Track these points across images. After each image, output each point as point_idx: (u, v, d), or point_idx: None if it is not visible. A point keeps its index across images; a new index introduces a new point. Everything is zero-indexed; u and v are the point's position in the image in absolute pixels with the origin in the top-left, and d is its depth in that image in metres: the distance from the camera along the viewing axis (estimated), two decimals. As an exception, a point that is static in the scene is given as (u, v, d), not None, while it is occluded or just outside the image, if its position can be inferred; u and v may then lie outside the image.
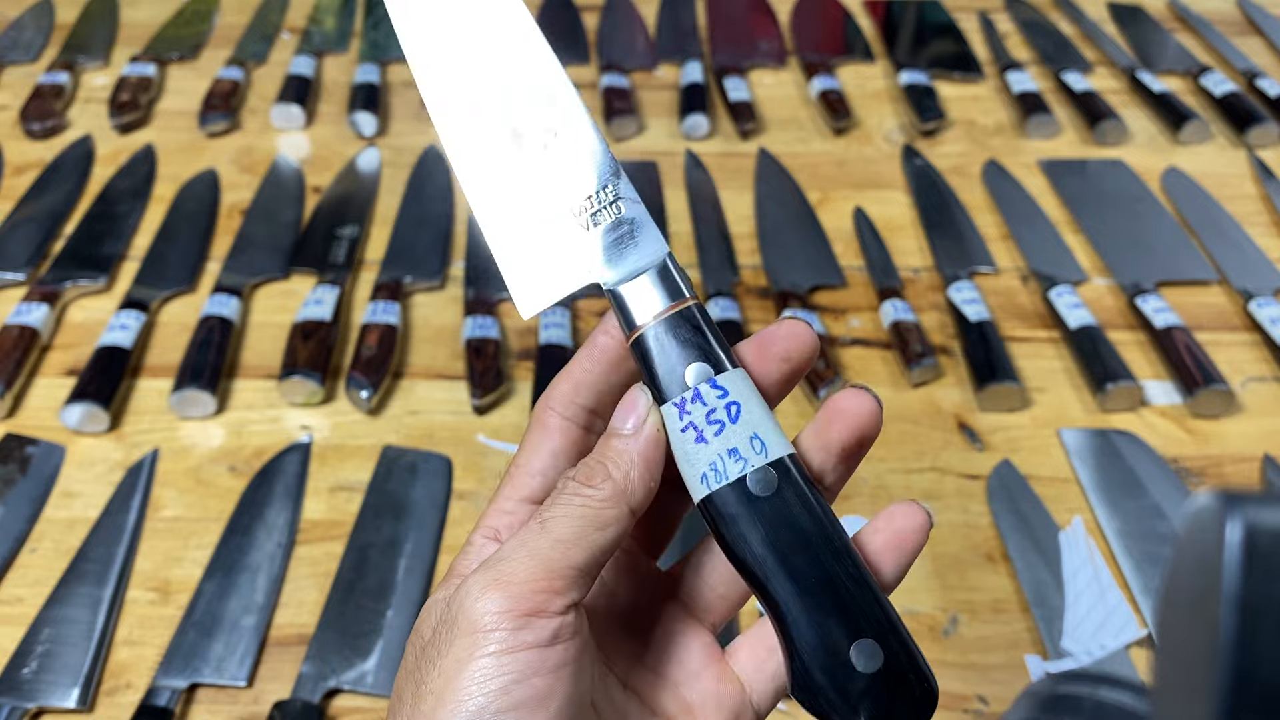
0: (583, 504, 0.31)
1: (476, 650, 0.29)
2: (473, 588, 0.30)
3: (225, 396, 0.76)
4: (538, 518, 0.31)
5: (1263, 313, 0.82)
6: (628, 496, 0.32)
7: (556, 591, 0.30)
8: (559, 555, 0.30)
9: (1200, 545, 0.20)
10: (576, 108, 0.36)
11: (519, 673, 0.29)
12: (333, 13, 1.21)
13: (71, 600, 0.63)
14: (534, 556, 0.30)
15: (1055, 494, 0.70)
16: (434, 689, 0.29)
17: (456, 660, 0.29)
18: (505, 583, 0.30)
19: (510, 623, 0.29)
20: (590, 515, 0.31)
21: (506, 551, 0.31)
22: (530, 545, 0.30)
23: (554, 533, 0.31)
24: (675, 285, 0.34)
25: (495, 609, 0.29)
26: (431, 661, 0.30)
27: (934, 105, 1.05)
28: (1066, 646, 0.61)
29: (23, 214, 0.91)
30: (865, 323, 0.83)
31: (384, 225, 0.92)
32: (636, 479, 0.32)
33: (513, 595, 0.29)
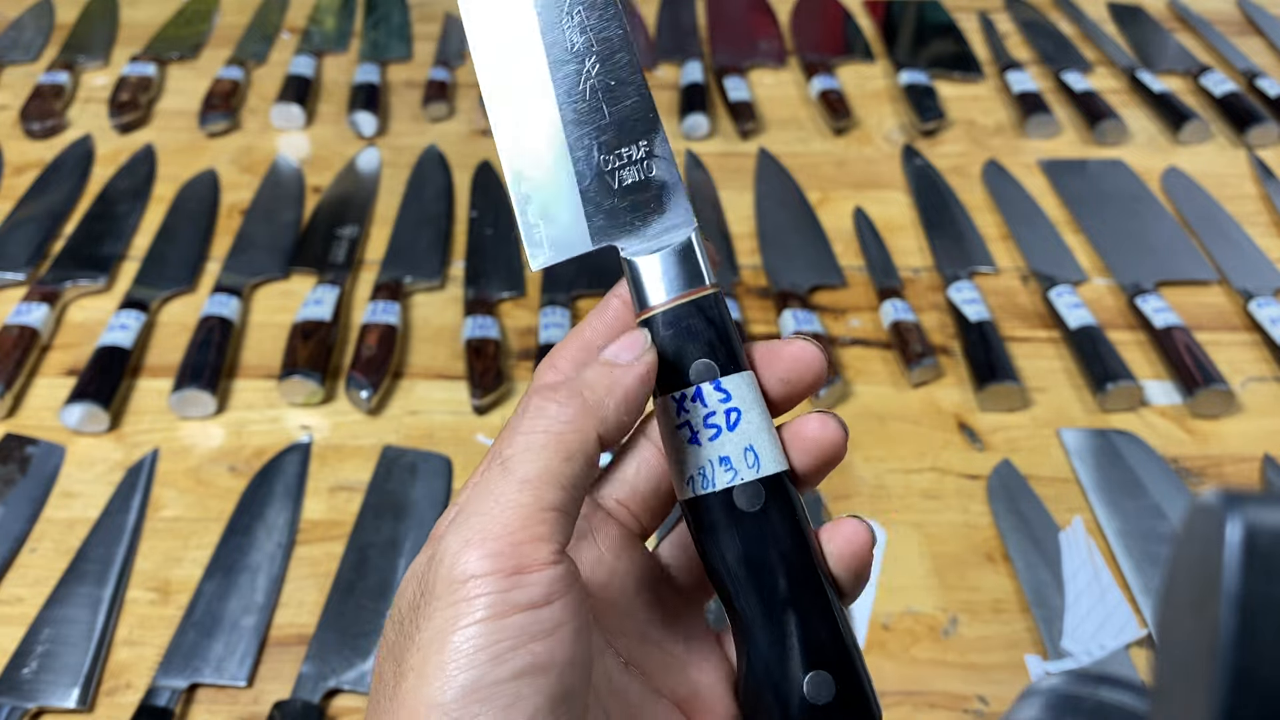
0: (544, 430, 0.28)
1: (461, 618, 0.26)
2: (447, 550, 0.27)
3: (225, 396, 0.76)
4: (495, 457, 0.28)
5: (1263, 313, 0.82)
6: (598, 420, 0.29)
7: (540, 539, 0.27)
8: (530, 498, 0.27)
9: (1200, 545, 0.20)
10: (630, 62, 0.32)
11: (513, 638, 0.26)
12: (333, 13, 1.21)
13: (71, 600, 0.63)
14: (503, 504, 0.27)
15: (1055, 494, 0.70)
16: (414, 665, 0.26)
17: (438, 631, 0.26)
18: (482, 538, 0.26)
19: (496, 584, 0.26)
20: (553, 444, 0.28)
21: (473, 504, 0.27)
22: (496, 491, 0.27)
23: (518, 473, 0.27)
24: (697, 268, 0.32)
25: (477, 570, 0.26)
26: (409, 636, 0.27)
27: (934, 105, 1.05)
28: (1066, 646, 0.61)
29: (23, 214, 0.91)
30: (865, 323, 0.83)
31: (384, 225, 0.92)
32: (612, 406, 0.29)
33: (492, 552, 0.26)
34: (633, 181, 0.32)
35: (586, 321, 0.33)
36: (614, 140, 0.33)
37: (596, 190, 0.32)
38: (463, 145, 1.02)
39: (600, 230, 0.32)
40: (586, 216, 0.32)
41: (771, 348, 0.32)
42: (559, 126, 0.33)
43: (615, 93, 0.33)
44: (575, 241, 0.32)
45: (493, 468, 0.28)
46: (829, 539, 0.32)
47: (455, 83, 1.10)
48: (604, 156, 0.32)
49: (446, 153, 1.00)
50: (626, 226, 0.32)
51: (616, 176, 0.32)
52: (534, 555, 0.26)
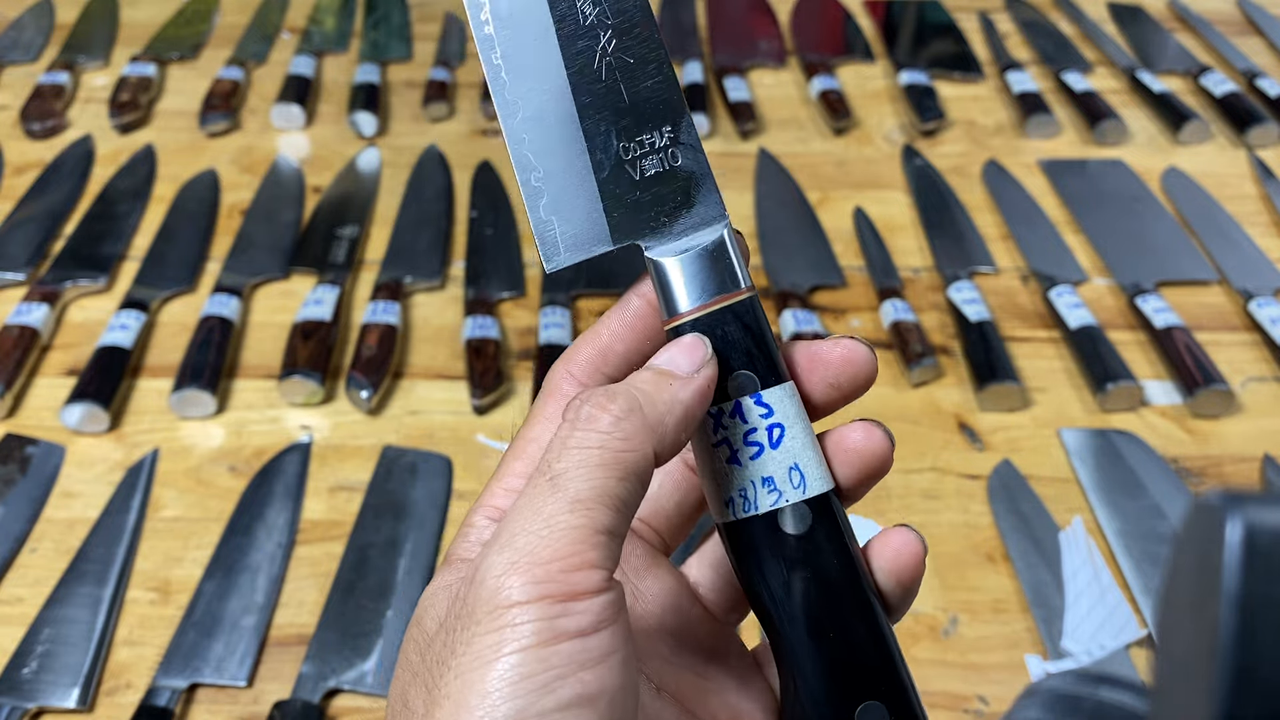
0: (600, 445, 0.26)
1: (505, 645, 0.24)
2: (490, 572, 0.25)
3: (225, 396, 0.76)
4: (545, 471, 0.26)
5: (1263, 313, 0.82)
6: (656, 438, 0.26)
7: (591, 565, 0.25)
8: (582, 520, 0.25)
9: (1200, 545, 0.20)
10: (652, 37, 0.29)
11: (562, 667, 0.24)
12: (333, 13, 1.21)
13: (71, 600, 0.63)
14: (553, 526, 0.25)
15: (1055, 494, 0.70)
16: (451, 693, 0.24)
17: (479, 658, 0.24)
18: (529, 564, 0.25)
19: (544, 610, 0.24)
20: (609, 461, 0.26)
21: (518, 523, 0.25)
22: (546, 512, 0.25)
23: (569, 491, 0.25)
24: (731, 270, 0.29)
25: (523, 596, 0.24)
26: (443, 661, 0.25)
27: (934, 105, 1.05)
28: (1066, 646, 0.61)
29: (23, 214, 0.91)
30: (865, 323, 0.83)
31: (384, 225, 0.92)
32: (671, 425, 0.27)
33: (540, 578, 0.24)
34: (656, 172, 0.29)
35: (604, 323, 0.30)
36: (634, 125, 0.29)
37: (616, 182, 0.29)
38: (463, 145, 1.02)
39: (621, 227, 0.29)
40: (605, 212, 0.29)
41: (816, 351, 0.30)
42: (572, 110, 0.29)
43: (634, 72, 0.29)
44: (593, 240, 0.29)
45: (540, 484, 0.26)
46: (878, 553, 0.30)
47: (455, 83, 1.10)
48: (623, 144, 0.29)
49: (446, 153, 1.00)
50: (651, 223, 0.29)
51: (638, 166, 0.29)
52: (585, 583, 0.25)
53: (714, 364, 0.28)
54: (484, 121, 1.05)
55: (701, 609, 0.33)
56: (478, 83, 1.10)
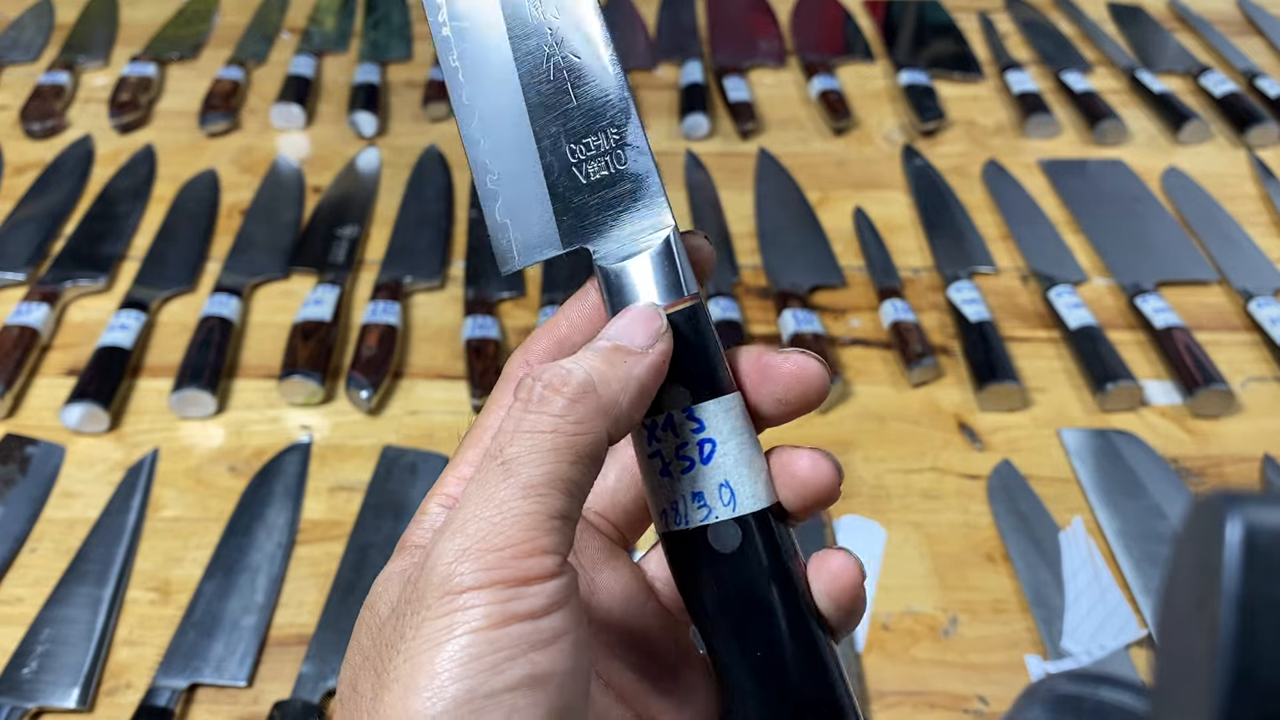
0: (553, 429, 0.26)
1: (455, 628, 0.24)
2: (441, 558, 0.25)
3: (225, 396, 0.76)
4: (495, 456, 0.26)
5: (1263, 313, 0.82)
6: (610, 420, 0.26)
7: (544, 551, 0.25)
8: (535, 506, 0.25)
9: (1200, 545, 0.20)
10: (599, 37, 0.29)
11: (512, 648, 0.24)
12: (333, 13, 1.21)
13: (71, 600, 0.63)
14: (505, 512, 0.25)
15: (1055, 494, 0.70)
16: (400, 675, 0.24)
17: (428, 641, 0.24)
18: (481, 550, 0.24)
19: (495, 595, 0.24)
20: (562, 445, 0.25)
21: (470, 509, 0.25)
22: (498, 498, 0.25)
23: (521, 477, 0.25)
24: (674, 277, 0.28)
25: (475, 581, 0.24)
26: (392, 645, 0.25)
27: (934, 105, 1.05)
28: (1066, 646, 0.61)
29: (23, 214, 0.91)
30: (865, 323, 0.83)
31: (384, 225, 0.92)
32: (626, 404, 0.26)
33: (493, 563, 0.24)
34: (603, 175, 0.29)
35: (562, 313, 0.30)
36: (581, 127, 0.29)
37: (565, 185, 0.29)
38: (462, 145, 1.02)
39: (570, 231, 0.29)
40: (555, 215, 0.29)
41: (767, 364, 0.29)
42: (524, 111, 0.29)
43: (581, 72, 0.29)
44: (544, 243, 0.29)
45: (492, 468, 0.26)
46: (815, 575, 0.29)
47: (455, 83, 1.10)
48: (571, 145, 0.29)
49: (446, 153, 1.00)
50: (598, 227, 0.29)
51: (584, 169, 0.29)
52: (538, 568, 0.25)
53: (669, 337, 0.28)
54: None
55: (657, 604, 0.32)
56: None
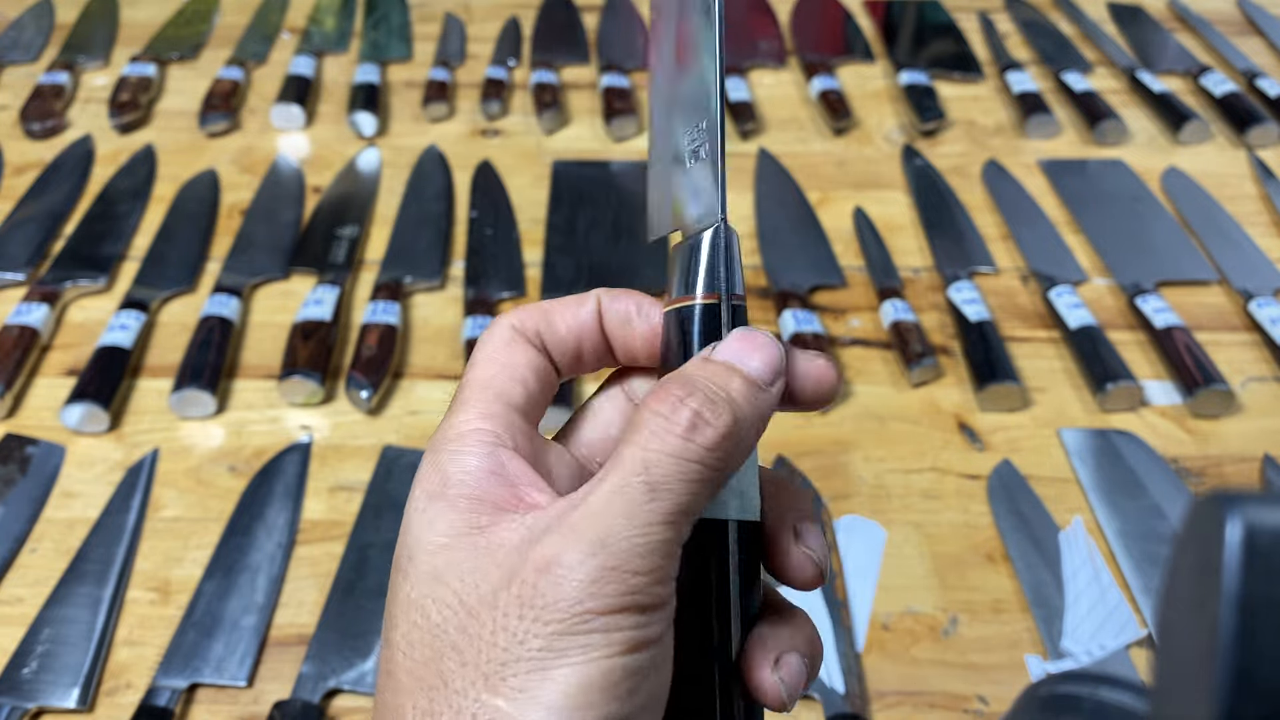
0: (700, 461, 0.26)
1: (594, 651, 0.24)
2: (575, 570, 0.25)
3: (225, 396, 0.76)
4: (640, 473, 0.25)
5: (1263, 313, 0.82)
6: (741, 454, 0.27)
7: (670, 578, 0.26)
8: (673, 534, 0.25)
9: (1200, 545, 0.20)
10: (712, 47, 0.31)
11: (641, 673, 0.25)
12: (333, 13, 1.21)
13: (71, 600, 0.63)
14: (649, 537, 0.25)
15: (1055, 494, 0.70)
16: (526, 687, 0.24)
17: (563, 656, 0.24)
18: (625, 572, 0.25)
19: (631, 620, 0.25)
20: (705, 479, 0.26)
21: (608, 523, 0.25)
22: (641, 519, 0.25)
23: (666, 504, 0.25)
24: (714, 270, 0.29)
25: (615, 606, 0.24)
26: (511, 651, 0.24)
27: (934, 105, 1.05)
28: (1066, 646, 0.61)
29: (23, 214, 0.91)
30: (865, 323, 0.83)
31: (384, 225, 0.92)
32: (752, 439, 0.27)
33: (634, 588, 0.25)
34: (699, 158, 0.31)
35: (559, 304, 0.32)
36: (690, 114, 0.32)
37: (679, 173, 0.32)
38: (463, 145, 1.02)
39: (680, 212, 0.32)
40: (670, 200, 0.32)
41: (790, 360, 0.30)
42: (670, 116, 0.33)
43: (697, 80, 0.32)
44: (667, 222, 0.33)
45: (637, 487, 0.25)
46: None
47: (455, 83, 1.10)
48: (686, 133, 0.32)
49: (446, 153, 1.00)
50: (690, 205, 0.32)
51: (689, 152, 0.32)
52: (664, 595, 0.25)
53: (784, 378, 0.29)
54: (484, 122, 1.05)
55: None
56: (477, 83, 1.10)
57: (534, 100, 1.07)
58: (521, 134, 1.04)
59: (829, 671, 0.59)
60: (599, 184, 0.97)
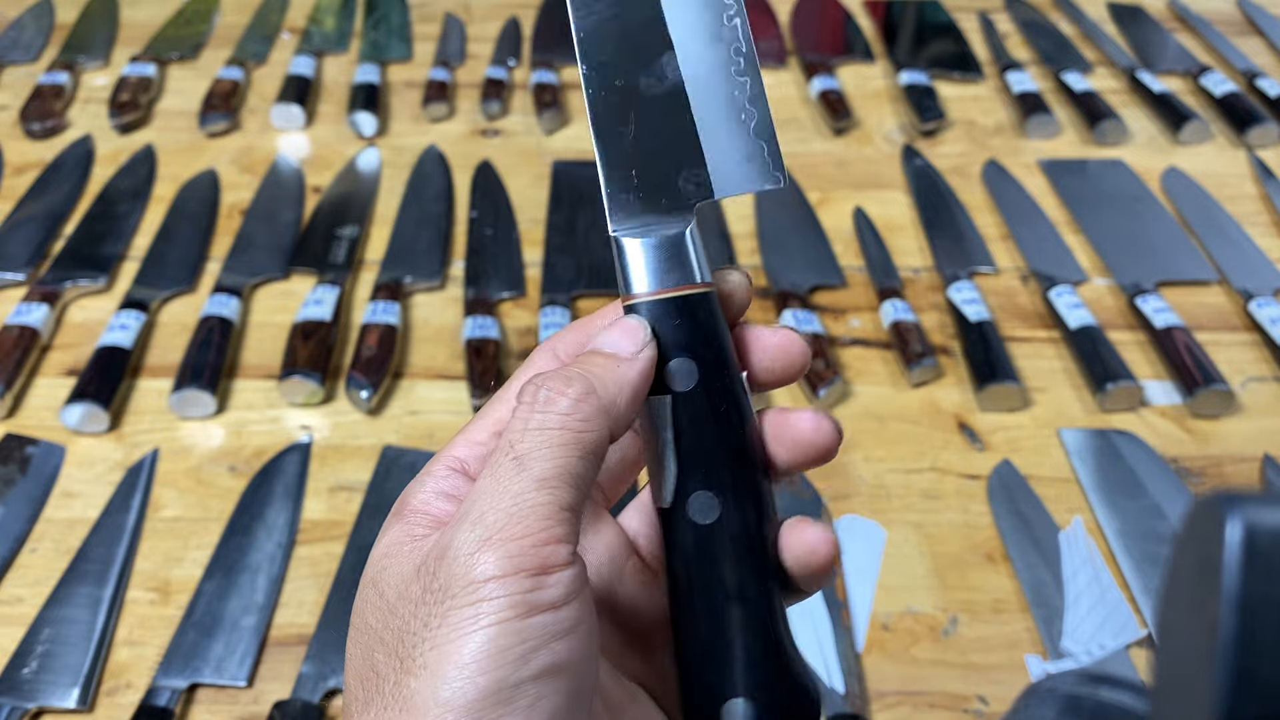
0: (561, 425, 0.27)
1: (481, 618, 0.25)
2: (461, 548, 0.26)
3: (225, 396, 0.76)
4: (508, 451, 0.27)
5: (1263, 313, 0.82)
6: (610, 418, 0.28)
7: (559, 540, 0.26)
8: (548, 498, 0.26)
9: (1200, 545, 0.20)
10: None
11: (536, 639, 0.26)
12: (333, 13, 1.21)
13: (71, 600, 0.63)
14: (521, 503, 0.26)
15: (1055, 494, 0.70)
16: (427, 663, 0.25)
17: (455, 630, 0.25)
18: (501, 539, 0.26)
19: (518, 584, 0.26)
20: (570, 440, 0.27)
21: (485, 501, 0.27)
22: (512, 490, 0.27)
23: (534, 470, 0.27)
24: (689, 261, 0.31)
25: (497, 570, 0.26)
26: (414, 632, 0.26)
27: (934, 105, 1.05)
28: (1066, 646, 0.61)
29: (23, 214, 0.91)
30: (865, 323, 0.83)
31: (384, 225, 0.92)
32: (623, 404, 0.29)
33: (513, 553, 0.26)
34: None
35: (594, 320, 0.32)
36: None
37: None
38: (463, 145, 1.02)
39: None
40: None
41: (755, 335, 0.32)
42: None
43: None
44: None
45: (505, 463, 0.27)
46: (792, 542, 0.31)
47: (455, 83, 1.10)
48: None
49: (446, 153, 1.00)
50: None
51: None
52: (554, 557, 0.26)
53: (654, 345, 0.30)
54: (484, 122, 1.05)
55: (639, 560, 0.34)
56: (477, 83, 1.10)
57: (534, 100, 1.07)
58: (521, 134, 1.04)
59: (829, 671, 0.59)
60: (599, 184, 0.97)
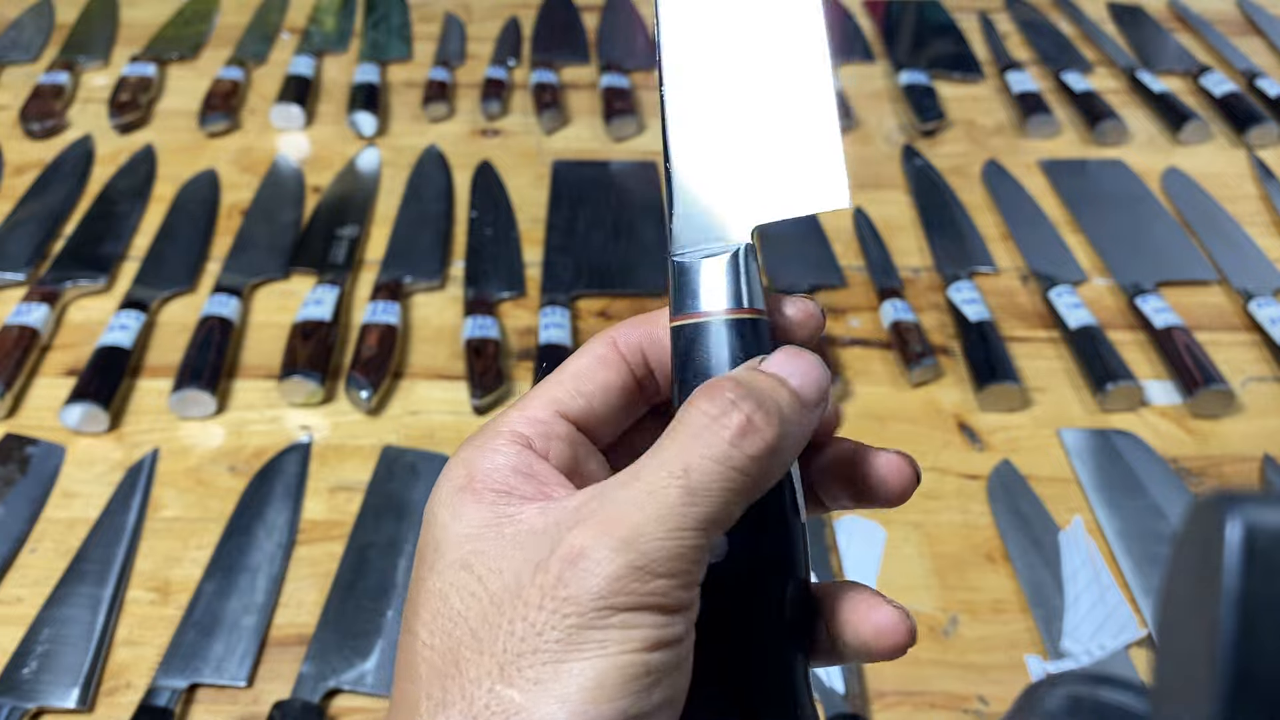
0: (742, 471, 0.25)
1: (612, 646, 0.24)
2: (604, 565, 0.24)
3: (225, 396, 0.76)
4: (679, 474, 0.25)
5: (1263, 313, 0.82)
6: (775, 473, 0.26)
7: (697, 583, 0.25)
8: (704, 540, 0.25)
9: (1200, 545, 0.20)
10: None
11: (659, 673, 0.24)
12: (333, 13, 1.21)
13: (71, 600, 0.63)
14: (682, 541, 0.25)
15: (1055, 494, 0.70)
16: (541, 679, 0.24)
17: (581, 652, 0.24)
18: (648, 570, 0.24)
19: (655, 619, 0.24)
20: (745, 489, 0.25)
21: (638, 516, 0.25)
22: (673, 521, 0.25)
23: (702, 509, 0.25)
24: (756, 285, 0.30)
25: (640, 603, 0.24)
26: (529, 642, 0.24)
27: (934, 105, 1.05)
28: (1066, 646, 0.61)
29: (23, 214, 0.91)
30: (865, 323, 0.83)
31: (384, 225, 0.92)
32: (793, 456, 0.27)
33: (661, 590, 0.24)
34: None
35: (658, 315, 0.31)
36: None
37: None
38: (463, 145, 1.02)
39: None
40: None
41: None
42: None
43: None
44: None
45: (674, 487, 0.25)
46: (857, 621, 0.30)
47: (455, 83, 1.10)
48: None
49: (446, 153, 1.00)
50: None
51: None
52: (688, 599, 0.25)
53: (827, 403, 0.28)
54: (484, 122, 1.05)
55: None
56: (477, 83, 1.10)
57: (534, 100, 1.06)
58: (521, 134, 1.04)
59: (829, 671, 0.59)
60: (599, 184, 0.97)
